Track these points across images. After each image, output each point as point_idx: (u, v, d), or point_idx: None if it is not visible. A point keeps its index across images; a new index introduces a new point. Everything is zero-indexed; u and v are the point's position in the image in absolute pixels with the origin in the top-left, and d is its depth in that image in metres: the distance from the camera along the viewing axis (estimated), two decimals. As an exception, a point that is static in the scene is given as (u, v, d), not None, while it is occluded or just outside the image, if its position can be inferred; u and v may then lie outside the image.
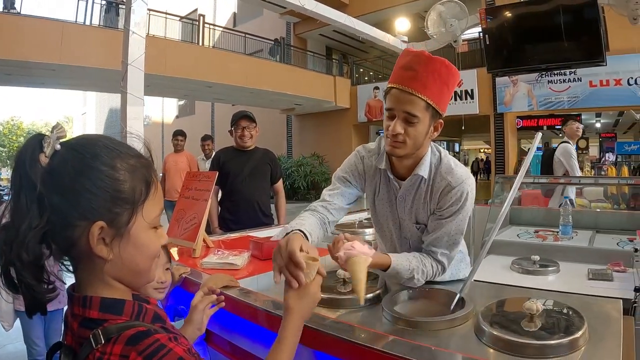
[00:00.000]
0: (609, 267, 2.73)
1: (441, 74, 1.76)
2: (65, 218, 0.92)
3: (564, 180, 5.22)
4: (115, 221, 0.95)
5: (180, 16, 18.52)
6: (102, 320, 0.94)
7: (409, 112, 1.77)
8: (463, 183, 1.89)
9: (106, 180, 0.94)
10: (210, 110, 27.69)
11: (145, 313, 1.01)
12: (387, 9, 18.95)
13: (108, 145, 0.98)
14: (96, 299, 0.95)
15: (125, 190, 0.96)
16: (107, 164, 0.95)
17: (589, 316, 1.55)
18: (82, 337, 0.93)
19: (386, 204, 2.10)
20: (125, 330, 0.91)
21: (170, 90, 18.48)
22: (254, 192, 4.37)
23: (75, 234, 0.93)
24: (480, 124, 19.08)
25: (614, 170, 12.45)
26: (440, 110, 1.82)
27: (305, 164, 20.97)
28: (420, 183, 1.97)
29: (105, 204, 0.93)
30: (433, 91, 1.76)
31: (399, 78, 1.79)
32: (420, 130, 1.81)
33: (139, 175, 0.99)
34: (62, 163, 0.92)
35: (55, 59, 11.55)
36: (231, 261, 2.50)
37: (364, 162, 2.12)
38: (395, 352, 1.29)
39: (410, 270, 1.88)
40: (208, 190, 2.98)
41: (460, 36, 5.24)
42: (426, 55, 1.77)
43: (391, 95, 1.82)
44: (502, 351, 1.37)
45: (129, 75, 2.68)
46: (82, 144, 0.97)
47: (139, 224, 0.98)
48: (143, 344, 0.88)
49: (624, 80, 14.15)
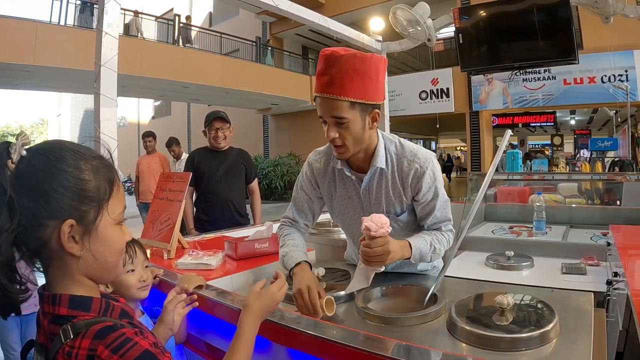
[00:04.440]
0: (582, 261, 2.76)
1: (356, 68, 1.75)
2: (36, 219, 0.96)
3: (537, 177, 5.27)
4: (83, 219, 1.00)
5: (156, 16, 18.37)
6: (71, 316, 0.98)
7: (335, 115, 1.79)
8: (430, 162, 1.95)
9: (72, 180, 0.99)
10: (186, 111, 27.55)
11: (113, 309, 1.05)
12: (363, 8, 19.02)
13: (71, 148, 1.03)
14: (65, 297, 0.99)
15: (90, 189, 1.01)
16: (72, 165, 1.00)
17: (562, 309, 1.58)
18: (53, 334, 0.97)
19: (346, 201, 2.12)
20: (93, 325, 0.95)
21: (146, 91, 18.38)
22: (229, 192, 4.37)
23: (46, 234, 0.97)
24: (456, 122, 19.26)
25: (587, 166, 12.61)
26: (370, 101, 1.82)
27: (282, 163, 20.93)
28: (382, 173, 1.99)
29: (73, 202, 0.98)
30: (353, 88, 1.76)
31: (319, 85, 1.81)
32: (354, 129, 1.83)
33: (102, 175, 1.04)
34: (29, 167, 0.97)
35: (29, 60, 11.44)
36: (206, 261, 2.49)
37: (312, 167, 2.17)
38: (368, 348, 1.30)
39: (430, 244, 1.95)
40: (182, 191, 2.97)
41: (435, 35, 5.26)
42: (336, 56, 1.77)
43: (317, 104, 1.84)
44: (474, 345, 1.38)
45: (102, 77, 2.64)
46: (46, 148, 1.01)
47: (105, 221, 1.04)
48: (110, 337, 0.93)
49: (598, 78, 14.40)
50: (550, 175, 5.77)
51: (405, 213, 2.06)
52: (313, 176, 2.16)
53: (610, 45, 13.02)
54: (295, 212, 2.25)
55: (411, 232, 2.03)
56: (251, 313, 1.39)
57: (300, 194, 2.22)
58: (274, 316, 1.53)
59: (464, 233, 1.73)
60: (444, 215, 2.04)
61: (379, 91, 1.86)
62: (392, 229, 1.73)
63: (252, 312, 1.40)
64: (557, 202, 4.57)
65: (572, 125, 22.95)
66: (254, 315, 1.39)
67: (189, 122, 27.40)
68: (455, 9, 6.15)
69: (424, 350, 1.30)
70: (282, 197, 19.60)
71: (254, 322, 1.38)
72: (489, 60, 6.25)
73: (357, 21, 18.74)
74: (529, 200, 4.48)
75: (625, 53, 13.87)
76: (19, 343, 3.31)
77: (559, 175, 7.22)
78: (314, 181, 2.17)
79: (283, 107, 21.64)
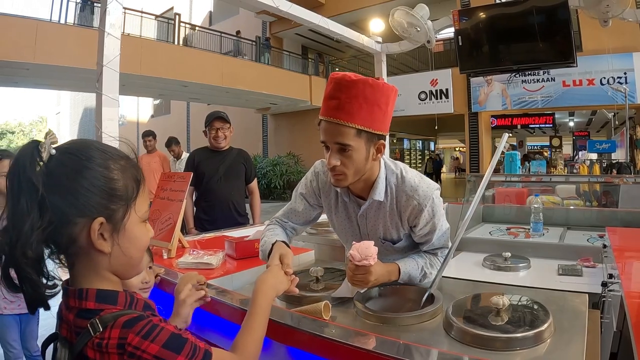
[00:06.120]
0: (578, 263, 2.78)
1: (367, 95, 1.70)
2: (66, 216, 0.98)
3: (535, 178, 5.29)
4: (112, 217, 1.03)
5: (155, 15, 18.36)
6: (98, 310, 1.00)
7: (340, 142, 1.74)
8: (430, 199, 1.88)
9: (102, 179, 1.02)
10: (185, 110, 27.51)
11: (137, 302, 1.08)
12: (363, 8, 19.03)
13: (99, 148, 1.06)
14: (92, 291, 1.02)
15: (119, 188, 1.05)
16: (101, 165, 1.03)
17: (556, 310, 1.61)
18: (79, 327, 1.00)
19: (345, 220, 2.10)
20: (121, 317, 0.98)
21: (145, 89, 18.34)
22: (228, 192, 4.39)
23: (75, 231, 1.00)
24: (455, 123, 19.28)
25: (585, 168, 12.62)
26: (377, 132, 1.77)
27: (281, 163, 20.94)
28: (381, 204, 1.95)
29: (103, 201, 1.02)
30: (361, 116, 1.71)
31: (326, 109, 1.76)
32: (357, 158, 1.77)
33: (130, 174, 1.08)
34: (60, 166, 0.99)
35: (29, 58, 11.41)
36: (206, 261, 2.51)
37: (318, 179, 2.11)
38: (366, 347, 1.32)
39: (421, 269, 1.95)
40: (183, 190, 2.99)
41: (434, 36, 5.28)
42: (347, 80, 1.72)
43: (321, 128, 1.79)
44: (470, 345, 1.41)
45: (104, 77, 2.65)
46: (76, 147, 1.04)
47: (132, 219, 1.07)
48: (138, 325, 0.97)
49: (597, 80, 14.43)
50: (548, 177, 5.79)
51: (403, 240, 2.04)
52: (318, 188, 2.11)
53: (609, 47, 13.04)
54: (287, 214, 2.21)
55: (404, 256, 2.04)
56: (265, 284, 1.47)
57: (299, 199, 2.17)
58: (274, 315, 1.55)
59: (460, 234, 1.75)
60: (441, 243, 2.02)
61: (386, 122, 1.81)
62: (387, 251, 1.76)
63: (266, 283, 1.47)
64: (554, 203, 4.60)
65: (570, 126, 23.00)
66: (268, 285, 1.47)
67: (188, 121, 27.36)
68: (455, 11, 6.18)
69: (421, 349, 1.32)
70: (281, 196, 19.60)
71: (268, 291, 1.45)
72: (488, 62, 6.28)
73: (357, 21, 18.78)
74: (527, 201, 4.51)
75: (624, 55, 13.91)
76: (18, 341, 3.32)
77: (556, 177, 7.25)
78: (317, 192, 2.13)
79: (282, 106, 21.64)
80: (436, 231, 1.95)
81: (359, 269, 1.73)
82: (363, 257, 1.71)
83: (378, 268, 1.77)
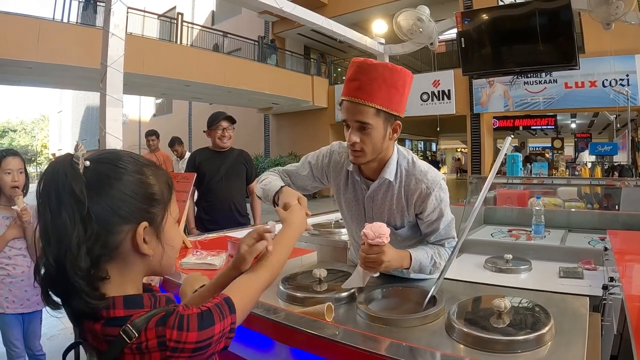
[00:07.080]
0: (579, 265, 2.79)
1: (385, 78, 1.82)
2: (110, 225, 1.01)
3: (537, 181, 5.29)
4: (153, 221, 1.08)
5: (158, 14, 18.36)
6: (128, 316, 1.01)
7: (360, 120, 1.85)
8: (438, 184, 1.98)
9: (141, 185, 1.06)
10: (187, 109, 27.49)
11: (160, 300, 1.09)
12: (366, 9, 19.02)
13: (130, 155, 1.10)
14: (119, 299, 1.03)
15: (157, 192, 1.09)
16: (137, 171, 1.07)
17: (557, 313, 1.61)
18: (109, 335, 1.00)
19: (352, 203, 2.18)
20: (152, 318, 1.00)
21: (148, 88, 18.33)
22: (230, 192, 4.41)
23: (119, 239, 1.03)
24: (457, 124, 19.23)
25: (587, 170, 12.58)
26: (394, 112, 1.88)
27: (283, 163, 20.64)
28: (389, 186, 2.03)
29: (144, 206, 1.06)
30: (380, 96, 1.82)
31: (347, 90, 1.88)
32: (375, 136, 1.88)
33: (163, 179, 1.13)
34: (99, 176, 1.01)
35: (31, 57, 11.41)
36: (209, 261, 2.53)
37: (331, 158, 2.21)
38: (369, 348, 1.34)
39: (431, 258, 2.01)
40: (186, 191, 3.00)
41: (437, 38, 5.29)
42: (368, 63, 1.84)
43: (343, 107, 1.90)
44: (472, 347, 1.41)
45: (108, 77, 2.67)
46: (109, 157, 1.07)
47: (169, 221, 1.13)
48: (170, 320, 0.99)
49: (599, 82, 14.40)
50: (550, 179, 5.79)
51: (405, 228, 2.11)
52: (328, 165, 2.21)
53: (612, 49, 13.02)
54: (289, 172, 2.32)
55: (407, 246, 2.07)
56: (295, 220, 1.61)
57: (307, 165, 2.27)
58: (277, 316, 1.56)
59: (463, 237, 1.76)
60: (448, 233, 2.09)
61: (402, 103, 1.91)
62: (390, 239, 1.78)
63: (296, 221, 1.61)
64: (556, 205, 4.60)
65: (572, 128, 22.94)
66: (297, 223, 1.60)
67: (190, 121, 27.33)
68: (457, 13, 6.18)
69: (423, 351, 1.33)
70: (282, 196, 19.51)
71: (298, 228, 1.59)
72: (491, 64, 6.29)
73: (359, 22, 18.74)
74: (529, 203, 4.52)
75: (627, 57, 13.87)
76: (21, 340, 3.32)
77: (558, 179, 7.24)
78: (326, 169, 2.22)
79: (284, 106, 21.61)
80: (443, 218, 2.04)
81: (372, 249, 1.77)
82: (377, 235, 1.74)
83: (391, 251, 1.82)
